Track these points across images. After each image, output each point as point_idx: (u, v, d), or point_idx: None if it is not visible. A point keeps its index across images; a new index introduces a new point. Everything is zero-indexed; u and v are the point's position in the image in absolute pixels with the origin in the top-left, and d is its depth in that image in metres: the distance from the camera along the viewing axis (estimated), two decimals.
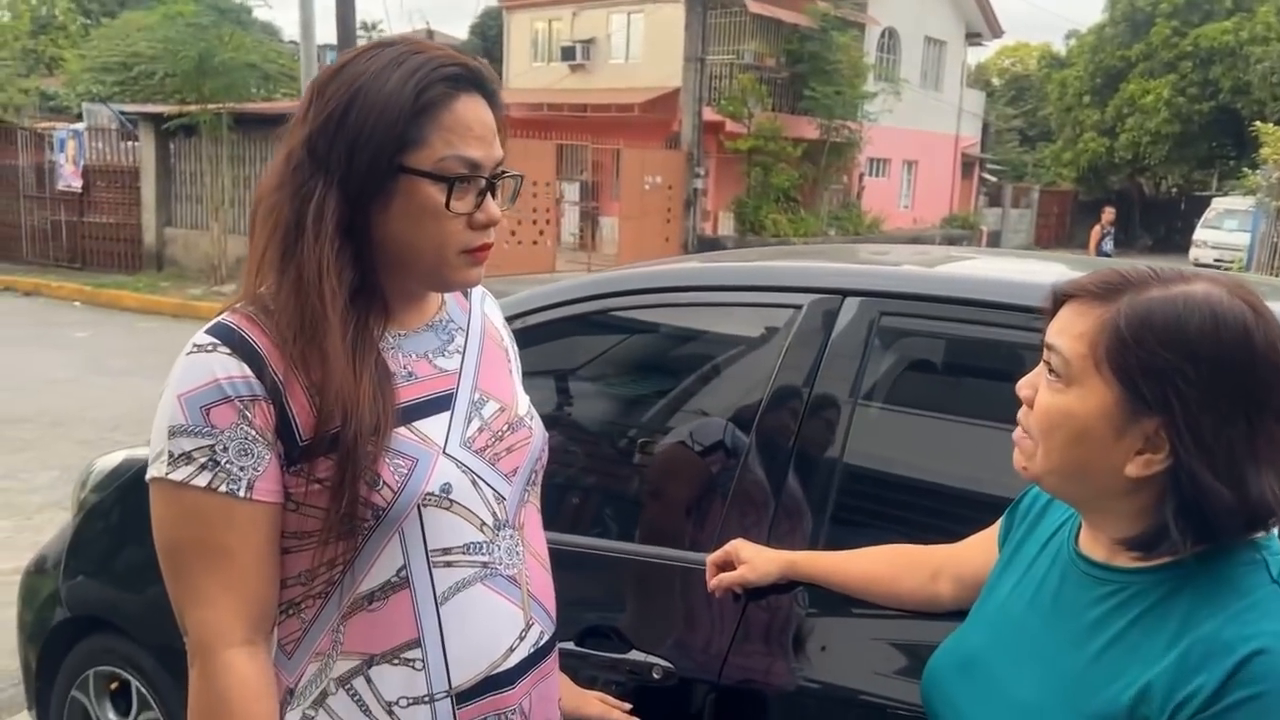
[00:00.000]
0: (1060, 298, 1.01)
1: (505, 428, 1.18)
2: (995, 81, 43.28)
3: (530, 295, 1.90)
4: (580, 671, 1.57)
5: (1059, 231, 31.13)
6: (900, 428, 1.69)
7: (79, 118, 16.92)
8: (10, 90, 17.03)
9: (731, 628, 1.57)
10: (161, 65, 14.36)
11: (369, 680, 1.08)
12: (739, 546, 1.52)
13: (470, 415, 1.15)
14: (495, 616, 1.13)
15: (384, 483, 1.04)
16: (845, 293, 1.66)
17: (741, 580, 1.50)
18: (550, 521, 1.82)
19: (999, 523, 1.26)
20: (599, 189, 18.70)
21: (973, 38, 27.48)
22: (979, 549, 1.31)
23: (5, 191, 15.66)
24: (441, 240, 1.08)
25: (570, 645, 1.63)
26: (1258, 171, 12.98)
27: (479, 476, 1.13)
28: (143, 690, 2.31)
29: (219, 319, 1.06)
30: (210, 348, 1.03)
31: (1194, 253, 20.27)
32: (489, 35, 32.96)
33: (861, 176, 23.25)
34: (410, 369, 1.13)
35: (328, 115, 1.05)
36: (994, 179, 32.20)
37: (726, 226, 19.92)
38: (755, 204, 19.63)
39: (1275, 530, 0.98)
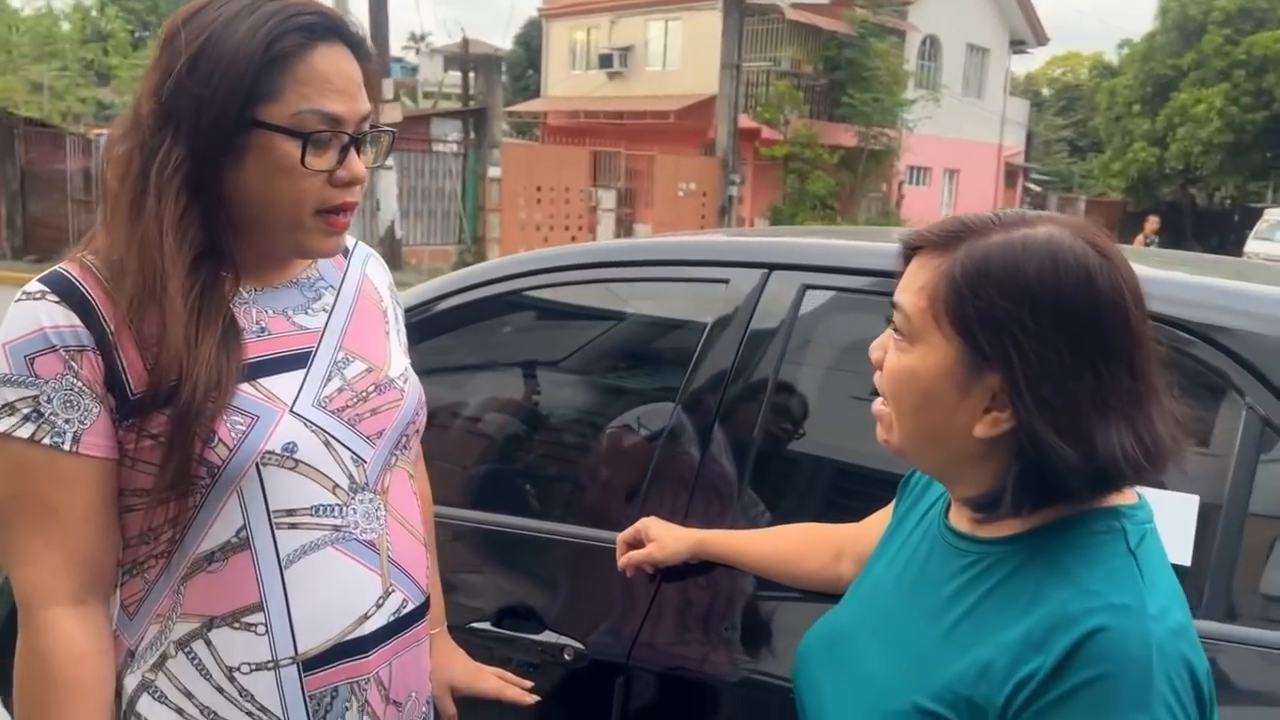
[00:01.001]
0: (908, 251, 0.93)
1: (371, 388, 1.14)
2: (1045, 91, 42.69)
3: (453, 276, 1.87)
4: (494, 652, 1.53)
5: None
6: (822, 404, 1.63)
7: None
8: (69, 99, 17.54)
9: (643, 608, 1.52)
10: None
11: (209, 643, 1.04)
12: (648, 524, 1.47)
13: (330, 374, 1.11)
14: (347, 582, 1.09)
15: (219, 440, 1.00)
16: (771, 266, 1.61)
17: (649, 558, 1.45)
18: (470, 500, 1.81)
19: (895, 499, 1.20)
20: (634, 196, 18.71)
21: (1017, 45, 27.10)
22: (876, 527, 1.25)
23: (54, 195, 16.08)
24: (297, 198, 1.04)
25: (486, 625, 1.60)
26: None
27: (333, 437, 1.08)
28: None
29: (55, 267, 1.03)
30: (39, 295, 1.00)
31: None
32: (532, 46, 33.25)
33: (901, 184, 23.01)
34: (264, 324, 1.09)
35: (176, 64, 1.00)
36: (1038, 189, 31.69)
37: None
38: (791, 211, 19.50)
39: (1140, 496, 0.91)
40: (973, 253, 0.86)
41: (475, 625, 1.58)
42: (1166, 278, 1.47)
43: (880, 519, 1.25)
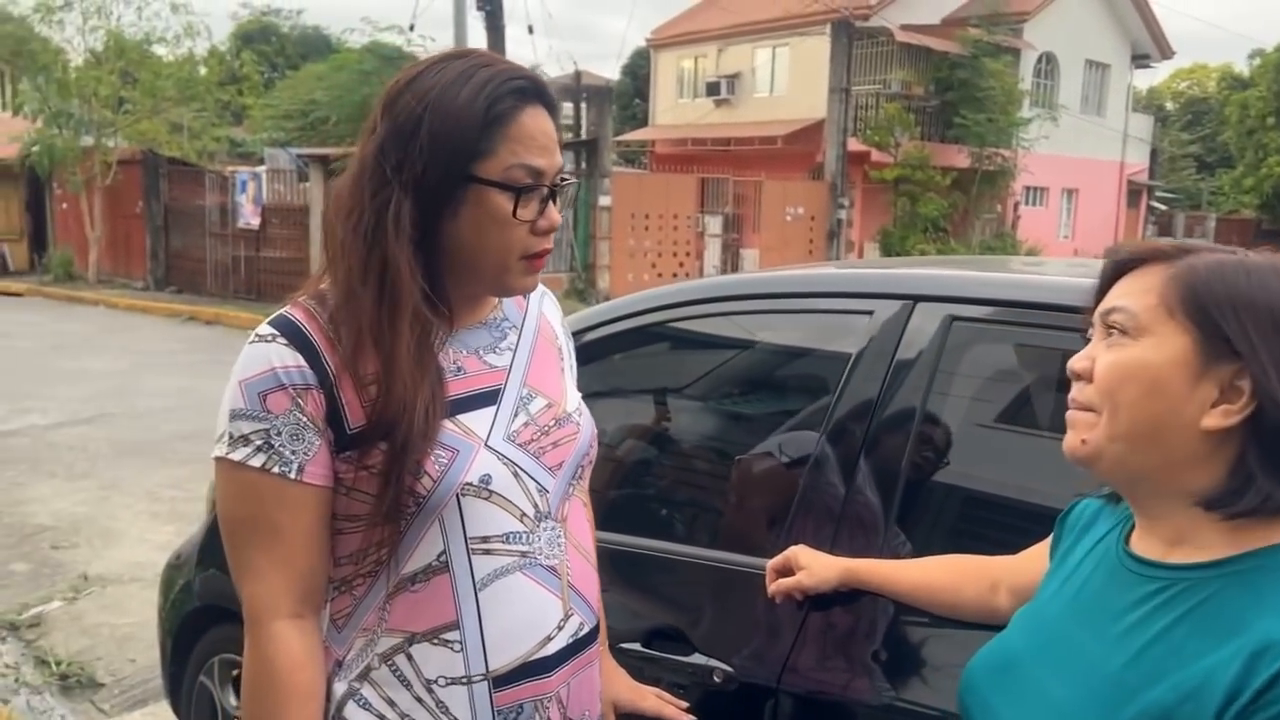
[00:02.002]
0: (1120, 268, 0.99)
1: (552, 423, 1.22)
2: (1169, 106, 40.96)
3: (600, 309, 1.95)
4: (644, 672, 1.58)
5: None
6: (969, 435, 1.64)
7: (261, 161, 18.31)
8: (205, 138, 18.63)
9: (792, 634, 1.55)
10: (332, 111, 15.40)
11: (410, 657, 1.14)
12: (798, 552, 1.51)
13: (517, 410, 1.19)
14: (533, 605, 1.17)
15: (425, 472, 1.09)
16: (916, 298, 1.63)
17: (799, 586, 1.49)
18: (622, 524, 1.87)
19: (1053, 533, 1.21)
20: (741, 221, 18.75)
21: (1139, 60, 26.13)
22: (1036, 560, 1.26)
23: (193, 229, 17.09)
24: (506, 246, 1.13)
25: (636, 646, 1.66)
26: None
27: (521, 469, 1.17)
28: None
29: (281, 311, 1.15)
30: (270, 338, 1.11)
31: None
32: (639, 75, 33.71)
33: (1016, 205, 22.38)
34: (460, 364, 1.18)
35: (399, 126, 1.10)
36: (1164, 207, 30.37)
37: (872, 257, 19.57)
38: (901, 234, 19.21)
39: None
40: (1201, 259, 0.93)
41: (625, 645, 1.64)
42: None
43: (1037, 552, 1.26)
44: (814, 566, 1.48)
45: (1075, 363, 0.98)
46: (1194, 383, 0.89)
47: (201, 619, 2.59)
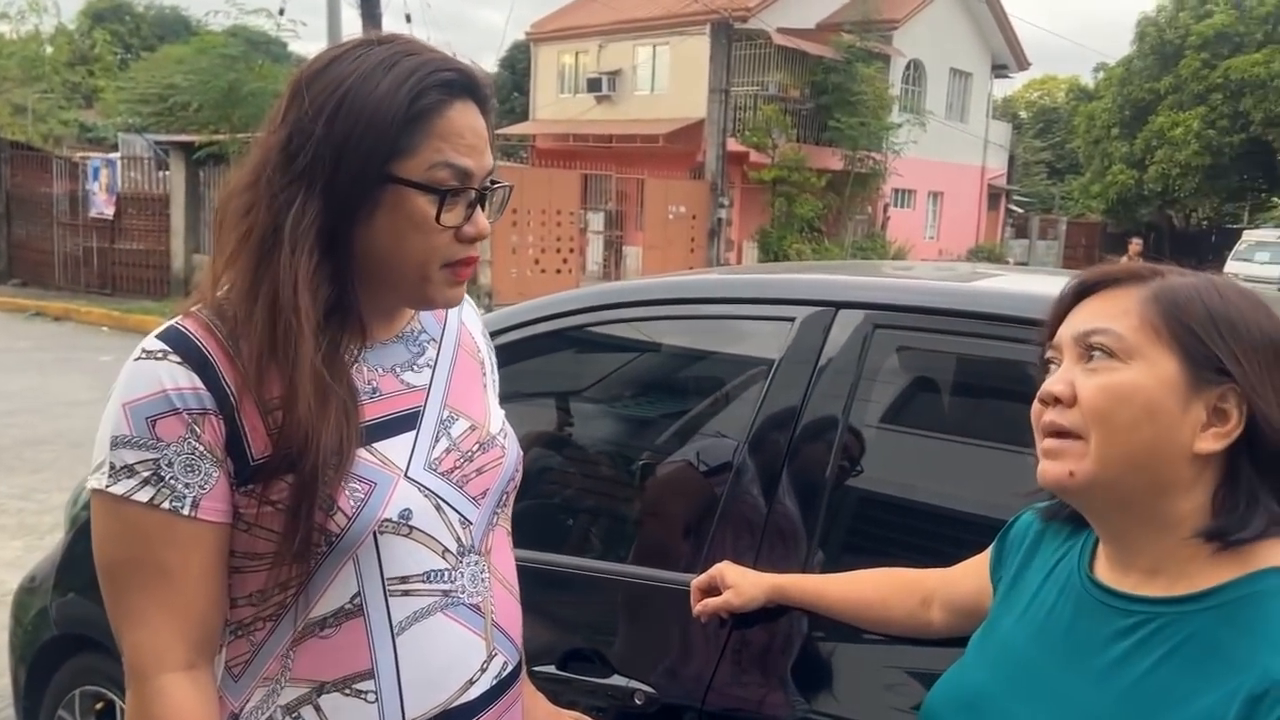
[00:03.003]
0: (1086, 289, 0.97)
1: (475, 447, 1.12)
2: (1023, 114, 43.20)
3: (514, 310, 1.86)
4: (562, 696, 1.50)
5: (1086, 263, 30.55)
6: (894, 447, 1.62)
7: (115, 147, 17.27)
8: (51, 121, 17.43)
9: (716, 653, 1.51)
10: (195, 96, 14.63)
11: (318, 709, 1.02)
12: (724, 570, 1.46)
13: (438, 434, 1.09)
14: (455, 647, 1.07)
15: (338, 508, 0.98)
16: (839, 305, 1.61)
17: (726, 605, 1.44)
18: (535, 541, 1.79)
19: (989, 550, 1.19)
20: (624, 218, 18.76)
21: (999, 70, 27.44)
22: (971, 575, 1.24)
23: (39, 219, 15.94)
24: (427, 254, 1.02)
25: (551, 669, 1.58)
26: None
27: (443, 500, 1.06)
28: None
29: (172, 322, 1.00)
30: (160, 355, 0.97)
31: None
32: (518, 69, 33.37)
33: (886, 207, 23.18)
34: (375, 385, 1.06)
35: (311, 117, 0.98)
36: (1020, 210, 32.02)
37: (751, 256, 19.90)
38: (779, 234, 19.61)
39: None
40: (1172, 281, 0.93)
41: (539, 669, 1.56)
42: None
43: (975, 566, 1.23)
44: (741, 585, 1.43)
45: (1054, 386, 0.93)
46: (1185, 405, 0.88)
47: (60, 648, 2.38)
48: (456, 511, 1.08)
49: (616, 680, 1.55)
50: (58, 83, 18.07)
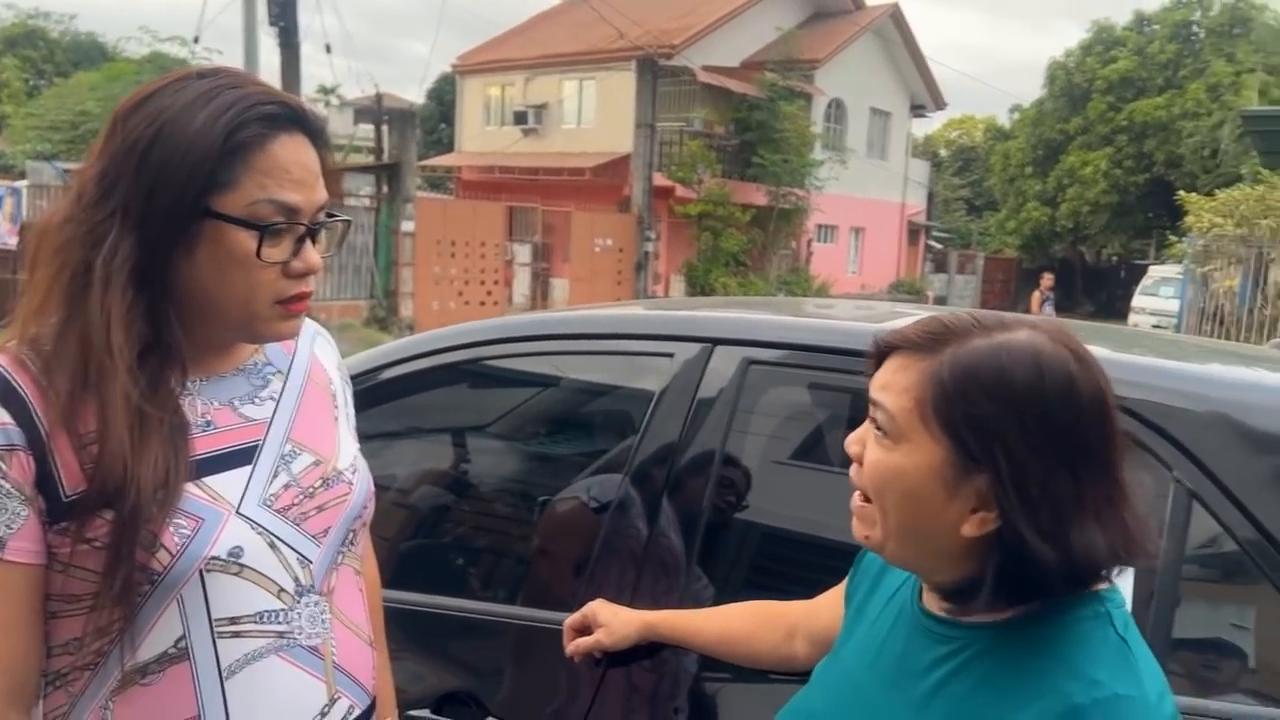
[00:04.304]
0: (884, 349, 0.95)
1: (318, 483, 1.09)
2: (943, 152, 44.51)
3: (399, 345, 1.84)
4: None
5: (1003, 297, 31.78)
6: (769, 478, 1.64)
7: (22, 175, 16.72)
8: None
9: (589, 693, 1.49)
10: (106, 123, 14.29)
11: None
12: (597, 609, 1.45)
13: (277, 469, 1.06)
14: (291, 691, 1.03)
15: (161, 545, 0.95)
16: (715, 341, 1.62)
17: (598, 645, 1.42)
18: (416, 581, 1.75)
19: (846, 579, 1.21)
20: (550, 251, 18.79)
21: (917, 109, 28.29)
22: (829, 605, 1.25)
23: None
24: (251, 290, 1.00)
25: (426, 713, 1.54)
26: (1184, 240, 13.39)
27: (278, 538, 1.03)
28: None
29: None
30: None
31: (1133, 318, 20.71)
32: (445, 100, 33.30)
33: (810, 242, 23.62)
34: (209, 418, 1.04)
35: (126, 151, 0.96)
36: (940, 246, 32.93)
37: (678, 289, 20.07)
38: (705, 267, 19.83)
39: (1111, 581, 0.94)
40: (959, 357, 0.88)
41: (413, 713, 1.53)
42: (1097, 355, 1.53)
43: (833, 597, 1.25)
44: (613, 624, 1.42)
45: (850, 446, 0.96)
46: (950, 492, 0.88)
47: None
48: (294, 550, 1.04)
49: None
50: None
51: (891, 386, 0.92)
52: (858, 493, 0.96)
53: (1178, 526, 1.32)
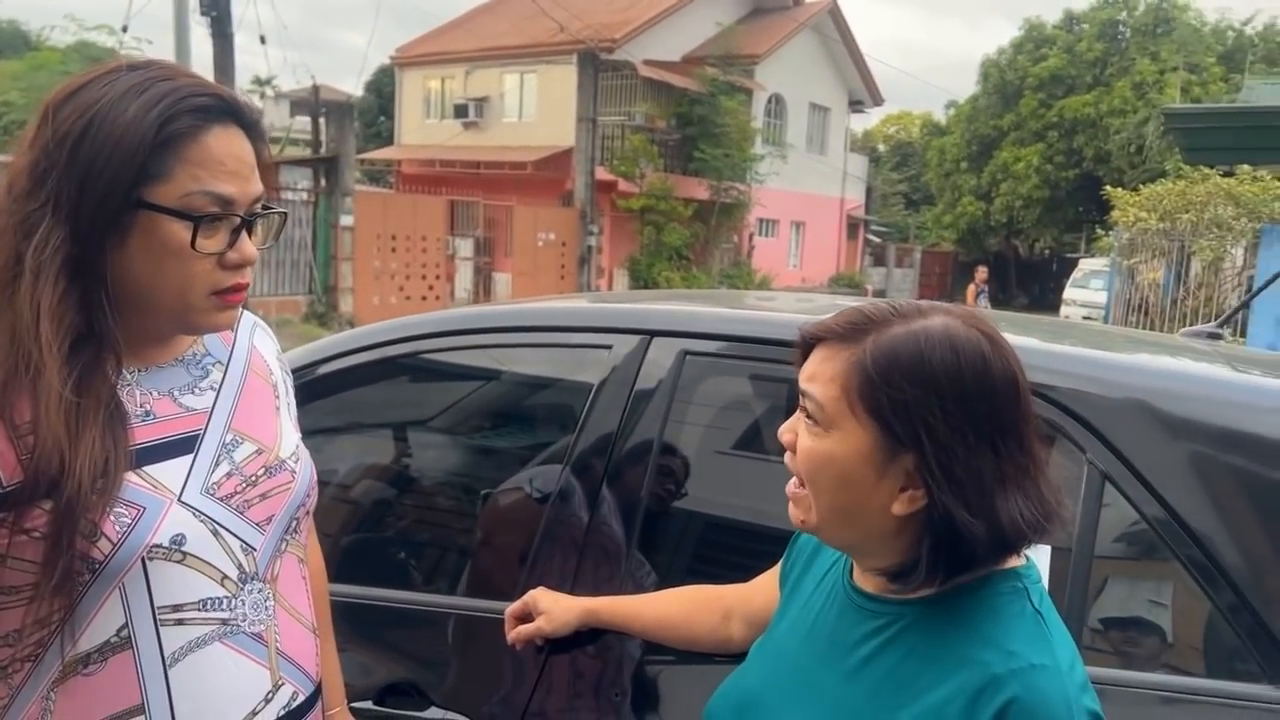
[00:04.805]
0: (810, 341, 0.99)
1: (261, 471, 1.10)
2: (881, 148, 45.16)
3: (336, 339, 1.84)
4: None
5: (940, 290, 32.44)
6: (705, 465, 1.68)
7: None
8: None
9: (532, 679, 1.51)
10: (30, 114, 13.81)
11: None
12: (537, 597, 1.47)
13: (219, 458, 1.07)
14: (235, 678, 1.04)
15: (102, 534, 0.95)
16: (653, 333, 1.65)
17: (539, 632, 1.45)
18: (359, 574, 1.76)
19: (781, 561, 1.25)
20: (493, 245, 18.69)
21: (855, 105, 28.68)
22: (764, 588, 1.29)
23: None
24: (186, 281, 1.01)
25: (369, 704, 1.55)
26: (1111, 234, 13.79)
27: (221, 525, 1.04)
28: None
29: None
30: None
31: (1064, 310, 21.28)
32: (384, 93, 32.86)
33: (751, 236, 23.84)
34: (149, 408, 1.04)
35: (58, 142, 0.96)
36: (878, 240, 33.45)
37: (621, 283, 20.11)
38: (648, 261, 19.90)
39: (1027, 557, 0.99)
40: (880, 344, 0.93)
41: (356, 705, 1.54)
42: (1020, 344, 1.59)
43: (768, 579, 1.29)
44: (554, 611, 1.45)
45: (783, 434, 1.01)
46: (879, 473, 0.93)
47: None
48: (237, 537, 1.06)
49: (434, 714, 1.53)
50: None
51: (818, 376, 0.96)
52: (793, 479, 1.00)
53: (1091, 507, 1.38)
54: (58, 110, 0.98)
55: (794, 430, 0.99)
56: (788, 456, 1.00)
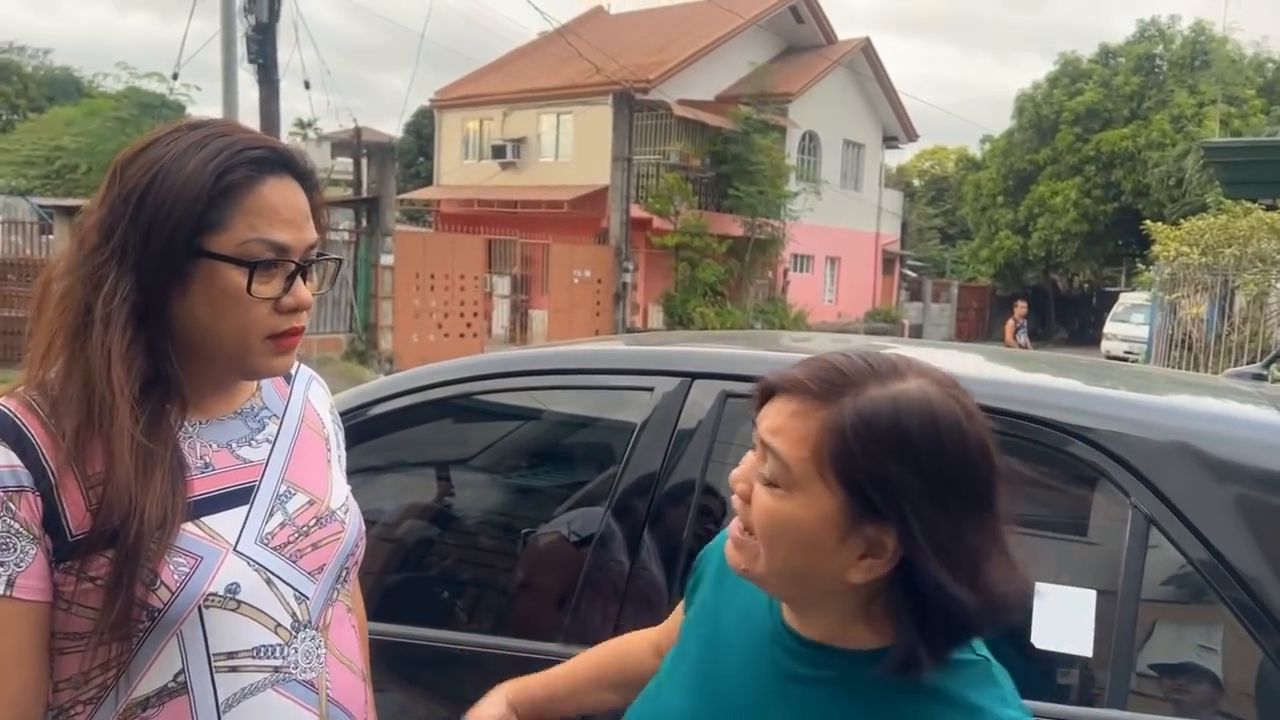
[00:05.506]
0: (771, 391, 0.94)
1: (312, 522, 1.14)
2: (916, 182, 45.07)
3: (386, 381, 1.89)
4: None
5: (978, 325, 32.16)
6: None
7: None
8: None
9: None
10: (83, 159, 14.22)
11: None
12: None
13: (273, 509, 1.10)
14: None
15: (161, 582, 0.99)
16: (694, 375, 1.68)
17: None
18: (402, 614, 1.79)
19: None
20: (530, 283, 18.89)
21: (889, 141, 28.70)
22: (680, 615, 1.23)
23: None
24: (244, 326, 1.05)
25: None
26: (1152, 268, 13.62)
27: (275, 575, 1.07)
28: None
29: None
30: None
31: (1105, 345, 21.03)
32: (423, 134, 33.44)
33: (786, 272, 23.84)
34: (207, 459, 1.08)
35: (124, 198, 1.02)
36: (914, 275, 33.28)
37: (656, 319, 20.17)
38: (683, 298, 19.96)
39: None
40: (860, 410, 0.88)
41: None
42: (1062, 386, 1.60)
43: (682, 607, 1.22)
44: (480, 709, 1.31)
45: (735, 482, 0.95)
46: (841, 540, 0.89)
47: None
48: (290, 586, 1.09)
49: None
50: None
51: (786, 433, 0.90)
52: (737, 522, 0.96)
53: (1136, 550, 1.38)
54: (125, 168, 1.04)
55: (748, 480, 0.94)
56: (736, 501, 0.95)
